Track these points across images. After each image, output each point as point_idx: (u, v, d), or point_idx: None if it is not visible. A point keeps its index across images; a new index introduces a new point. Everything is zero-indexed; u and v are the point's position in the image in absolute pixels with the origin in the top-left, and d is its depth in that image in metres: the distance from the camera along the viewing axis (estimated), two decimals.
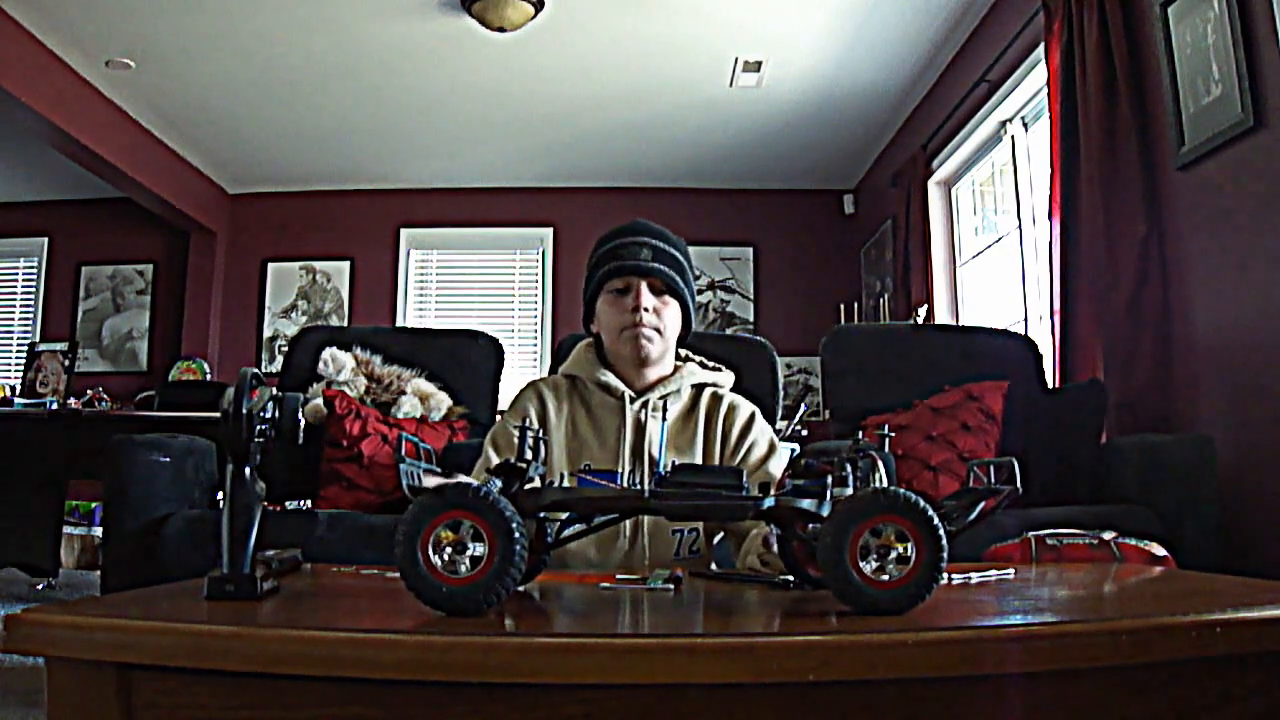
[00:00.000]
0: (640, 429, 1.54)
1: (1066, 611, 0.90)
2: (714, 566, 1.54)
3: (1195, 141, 2.46)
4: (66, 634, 0.73)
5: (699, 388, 1.61)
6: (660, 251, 1.53)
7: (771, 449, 1.57)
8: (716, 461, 1.55)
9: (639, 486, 1.23)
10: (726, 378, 1.66)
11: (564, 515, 1.01)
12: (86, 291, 6.35)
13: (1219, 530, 2.03)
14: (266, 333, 6.22)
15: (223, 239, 6.23)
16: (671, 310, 1.55)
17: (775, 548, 1.14)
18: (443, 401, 2.58)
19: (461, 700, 0.69)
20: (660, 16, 4.05)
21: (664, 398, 1.56)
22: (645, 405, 1.55)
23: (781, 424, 3.03)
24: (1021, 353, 2.62)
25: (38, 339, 6.04)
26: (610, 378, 1.56)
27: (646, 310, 1.51)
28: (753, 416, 1.60)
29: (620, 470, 1.51)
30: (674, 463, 0.90)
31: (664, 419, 1.54)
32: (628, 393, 1.55)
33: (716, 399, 1.60)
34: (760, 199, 6.22)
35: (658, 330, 1.53)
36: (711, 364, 1.67)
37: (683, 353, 1.65)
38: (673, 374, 1.59)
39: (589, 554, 1.48)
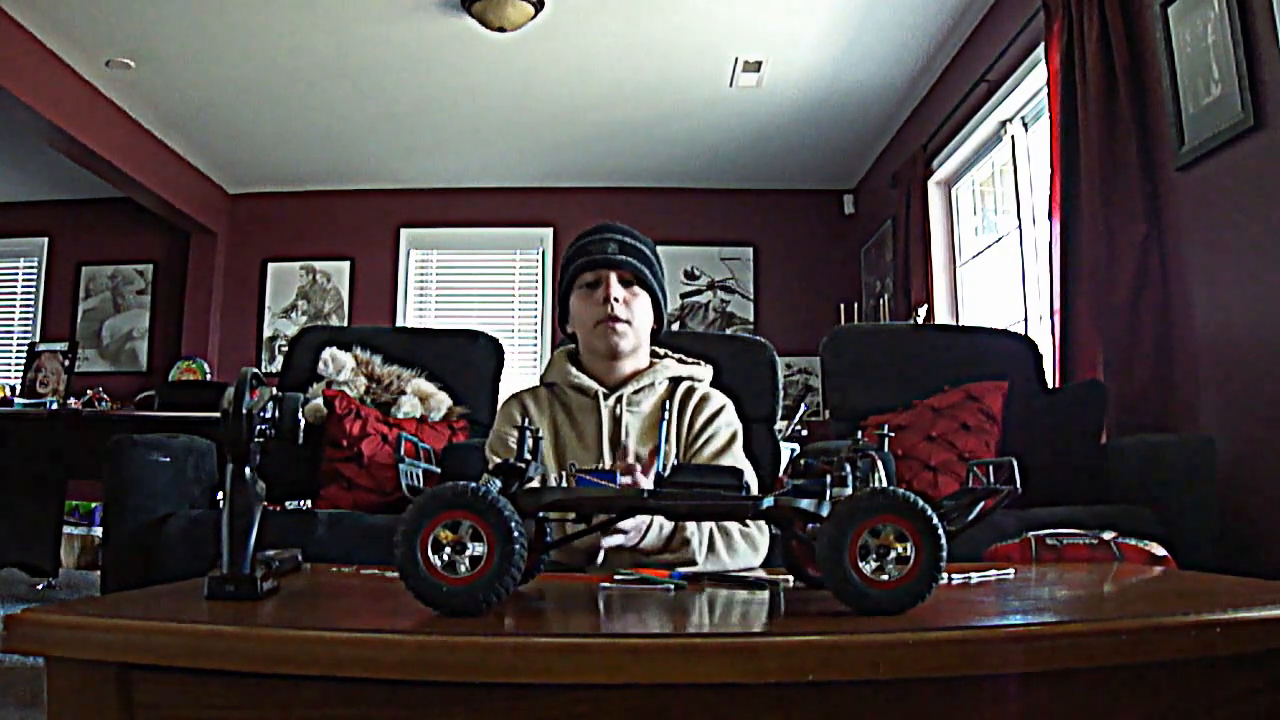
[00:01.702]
0: (616, 424, 1.56)
1: (1066, 611, 0.90)
2: None
3: (1195, 141, 2.46)
4: (66, 634, 0.73)
5: (675, 381, 1.63)
6: (627, 245, 1.57)
7: (732, 440, 1.59)
8: (680, 452, 1.56)
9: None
10: (705, 371, 1.68)
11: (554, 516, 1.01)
12: (86, 291, 6.34)
13: (1219, 530, 2.03)
14: (266, 333, 6.22)
15: (223, 239, 6.22)
16: (641, 301, 1.58)
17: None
18: (443, 401, 2.58)
19: (461, 700, 0.69)
20: (660, 16, 4.05)
21: (638, 392, 1.58)
22: (620, 400, 1.57)
23: (781, 424, 3.03)
24: (1021, 353, 2.62)
25: (38, 339, 6.04)
26: (582, 378, 1.59)
27: (617, 300, 1.54)
28: (721, 409, 1.61)
29: (602, 466, 1.52)
30: (656, 459, 0.90)
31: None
32: (600, 390, 1.58)
33: (690, 392, 1.62)
34: (760, 199, 6.22)
35: (628, 322, 1.55)
36: (690, 359, 1.69)
37: (661, 351, 1.67)
38: (647, 368, 1.62)
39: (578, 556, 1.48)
